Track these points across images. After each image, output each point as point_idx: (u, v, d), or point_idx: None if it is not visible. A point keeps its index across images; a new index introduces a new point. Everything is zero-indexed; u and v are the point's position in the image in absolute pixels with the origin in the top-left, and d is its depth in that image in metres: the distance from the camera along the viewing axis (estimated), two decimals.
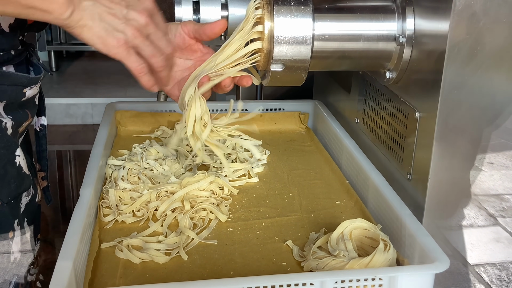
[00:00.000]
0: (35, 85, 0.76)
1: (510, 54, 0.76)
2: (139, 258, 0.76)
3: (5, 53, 0.71)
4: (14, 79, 0.72)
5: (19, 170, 0.76)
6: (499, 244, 2.28)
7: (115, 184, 0.92)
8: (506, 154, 2.60)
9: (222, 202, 0.91)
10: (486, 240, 2.26)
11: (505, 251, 2.23)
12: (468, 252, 2.05)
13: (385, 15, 0.85)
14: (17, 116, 0.75)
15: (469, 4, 0.72)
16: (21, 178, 0.76)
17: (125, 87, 3.62)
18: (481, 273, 2.05)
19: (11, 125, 0.74)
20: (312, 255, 0.73)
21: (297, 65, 0.82)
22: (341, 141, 1.06)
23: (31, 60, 0.79)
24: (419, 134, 0.83)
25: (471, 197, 0.94)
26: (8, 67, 0.73)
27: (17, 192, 0.76)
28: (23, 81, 0.73)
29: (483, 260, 2.15)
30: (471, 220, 2.39)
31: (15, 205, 0.76)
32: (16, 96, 0.73)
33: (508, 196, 2.67)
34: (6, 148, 0.74)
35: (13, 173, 0.75)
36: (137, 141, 1.15)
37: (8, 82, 0.71)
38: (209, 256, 0.77)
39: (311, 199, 0.93)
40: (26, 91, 0.74)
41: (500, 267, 2.11)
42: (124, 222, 0.85)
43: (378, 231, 0.75)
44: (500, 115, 0.80)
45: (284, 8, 0.80)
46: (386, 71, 0.90)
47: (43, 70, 0.79)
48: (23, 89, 0.74)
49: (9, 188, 0.74)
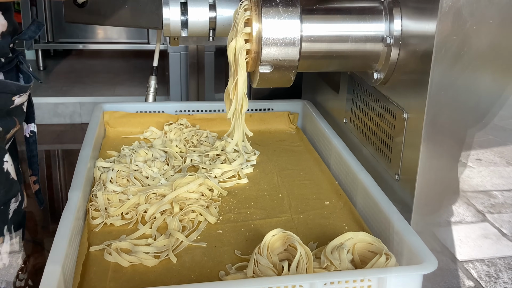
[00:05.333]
0: (24, 93, 0.76)
1: (496, 55, 0.77)
2: (128, 261, 0.75)
3: None
4: (3, 86, 0.72)
5: (7, 176, 0.75)
6: (488, 240, 2.30)
7: (103, 187, 0.92)
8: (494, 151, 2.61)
9: (211, 204, 0.91)
10: (474, 237, 2.27)
11: (493, 247, 2.25)
12: (457, 248, 2.06)
13: (372, 16, 0.85)
14: (5, 123, 0.75)
15: (455, 6, 0.72)
16: (9, 184, 0.76)
17: (113, 85, 3.60)
18: (470, 269, 2.06)
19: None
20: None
21: (286, 66, 0.82)
22: (330, 141, 1.07)
23: (21, 67, 0.78)
24: (407, 135, 0.83)
25: (459, 194, 0.95)
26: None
27: (6, 198, 0.76)
28: (12, 88, 0.73)
29: (471, 256, 2.16)
30: (460, 216, 2.40)
31: (4, 211, 0.76)
32: (4, 104, 0.73)
33: (496, 192, 2.68)
34: None
35: (2, 179, 0.74)
36: (125, 142, 1.15)
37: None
38: (199, 259, 0.77)
39: (301, 200, 0.94)
40: (15, 99, 0.74)
41: (488, 263, 2.13)
42: (113, 225, 0.85)
43: (381, 245, 0.74)
44: (487, 115, 0.81)
45: (272, 9, 0.80)
46: (374, 71, 0.90)
47: (33, 79, 0.78)
48: (12, 97, 0.74)
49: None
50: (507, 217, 2.40)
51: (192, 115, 1.23)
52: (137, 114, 1.21)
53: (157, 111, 1.23)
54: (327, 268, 0.69)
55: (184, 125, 1.19)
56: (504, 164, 2.80)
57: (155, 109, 1.23)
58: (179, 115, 1.22)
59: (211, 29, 0.99)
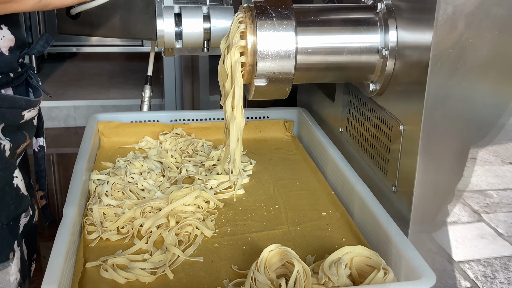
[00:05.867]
0: (34, 108, 0.76)
1: (493, 67, 0.76)
2: (125, 278, 0.75)
3: (3, 75, 0.71)
4: (12, 102, 0.72)
5: (17, 191, 0.75)
6: (484, 241, 2.30)
7: (99, 200, 0.91)
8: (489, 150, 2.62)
9: (207, 216, 0.90)
10: (470, 237, 2.28)
11: (489, 247, 2.25)
12: (453, 249, 2.06)
13: (367, 28, 0.85)
14: (15, 137, 0.75)
15: (451, 18, 0.72)
16: (19, 199, 0.76)
17: (107, 88, 3.59)
18: (466, 270, 2.06)
19: (9, 147, 0.74)
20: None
21: (281, 79, 0.82)
22: (326, 151, 1.06)
23: (30, 82, 0.78)
24: (404, 146, 0.83)
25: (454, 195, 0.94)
26: (7, 90, 0.72)
27: (16, 213, 0.76)
28: (22, 104, 0.73)
29: (468, 256, 2.17)
30: (456, 216, 2.40)
31: (14, 226, 0.76)
32: (14, 119, 0.73)
33: (492, 191, 2.69)
34: (4, 170, 0.73)
35: (12, 194, 0.74)
36: (120, 152, 1.14)
37: (6, 105, 0.71)
38: (195, 274, 0.77)
39: (297, 211, 0.93)
40: (24, 114, 0.74)
41: (484, 263, 2.13)
42: (108, 240, 0.84)
43: (379, 259, 0.73)
44: (484, 127, 0.80)
45: (267, 22, 0.79)
46: (370, 82, 0.89)
47: (42, 93, 0.78)
48: (22, 112, 0.73)
49: (8, 209, 0.74)
50: (502, 217, 2.40)
51: (187, 124, 1.22)
52: (131, 124, 1.20)
53: (152, 120, 1.22)
54: (325, 284, 0.69)
55: (180, 135, 1.18)
56: (499, 163, 2.80)
57: (150, 119, 1.23)
58: (174, 124, 1.22)
59: (205, 40, 0.99)
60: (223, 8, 1.00)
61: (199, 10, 0.98)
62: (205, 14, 0.98)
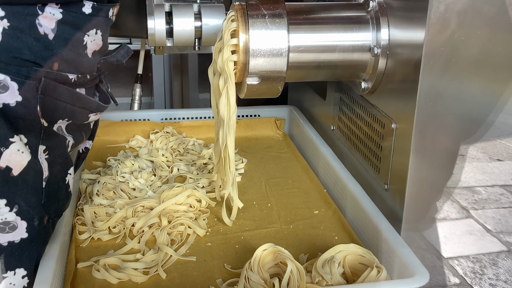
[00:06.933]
0: (100, 113, 0.76)
1: (485, 65, 0.77)
2: (117, 278, 0.74)
3: (82, 76, 0.71)
4: (85, 102, 0.72)
5: (67, 188, 0.75)
6: (472, 237, 2.31)
7: (90, 200, 0.91)
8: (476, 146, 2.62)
9: (200, 215, 0.90)
10: (459, 233, 2.29)
11: (477, 243, 2.27)
12: (442, 245, 2.07)
13: (359, 26, 0.85)
14: (76, 136, 0.75)
15: (443, 17, 0.72)
16: (68, 196, 0.76)
17: None
18: (455, 266, 2.07)
19: (71, 144, 0.74)
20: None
21: (273, 77, 0.82)
22: (318, 149, 1.06)
23: (99, 86, 0.78)
24: (396, 144, 0.83)
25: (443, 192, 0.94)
26: (81, 90, 0.72)
27: (62, 210, 0.76)
28: (92, 106, 0.73)
29: (456, 253, 2.18)
30: (444, 213, 2.41)
31: (55, 223, 0.76)
32: (81, 119, 0.73)
33: (480, 188, 2.69)
34: (63, 164, 0.73)
35: (62, 190, 0.74)
36: (111, 151, 1.13)
37: (79, 104, 0.71)
38: (188, 274, 0.76)
39: (290, 209, 0.93)
40: (90, 116, 0.74)
41: (473, 259, 2.14)
42: (100, 240, 0.83)
43: (372, 257, 0.73)
44: (475, 125, 0.81)
45: (259, 20, 0.79)
46: (362, 81, 0.90)
47: (111, 100, 0.79)
48: (89, 114, 0.74)
49: (57, 204, 0.73)
50: (490, 213, 2.43)
51: (178, 123, 1.22)
52: (122, 122, 1.20)
53: (142, 119, 1.22)
54: (319, 283, 0.69)
55: (170, 133, 1.18)
56: (487, 160, 2.81)
57: (141, 118, 1.22)
58: (165, 123, 1.21)
59: (196, 38, 0.98)
60: (214, 6, 1.00)
61: (190, 8, 0.97)
62: (196, 12, 0.97)
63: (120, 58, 0.79)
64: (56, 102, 0.68)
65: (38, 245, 0.70)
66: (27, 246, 0.68)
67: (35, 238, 0.69)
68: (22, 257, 0.67)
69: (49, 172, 0.70)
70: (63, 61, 0.67)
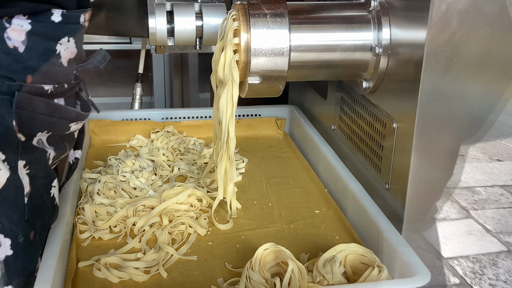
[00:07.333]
0: (81, 121, 0.75)
1: (487, 65, 0.77)
2: (118, 277, 0.74)
3: (59, 85, 0.70)
4: (64, 112, 0.71)
5: (53, 201, 0.75)
6: (472, 237, 2.31)
7: (90, 199, 0.91)
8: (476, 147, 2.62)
9: (201, 215, 0.90)
10: (459, 233, 2.28)
11: (477, 244, 2.27)
12: (442, 245, 2.06)
13: (360, 25, 0.85)
14: (58, 147, 0.74)
15: (445, 16, 0.72)
16: (54, 209, 0.76)
17: (96, 86, 3.56)
18: (455, 266, 2.07)
19: (53, 156, 0.73)
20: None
21: (275, 76, 0.81)
22: (319, 148, 1.06)
23: (80, 95, 0.77)
24: (397, 144, 0.83)
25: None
26: (59, 100, 0.72)
27: (49, 223, 0.76)
28: (71, 115, 0.72)
29: (456, 253, 2.18)
30: (444, 213, 2.41)
31: (44, 237, 0.75)
32: (62, 129, 0.72)
33: (480, 188, 2.69)
34: (46, 178, 0.72)
35: (48, 204, 0.74)
36: (111, 150, 1.13)
37: (58, 115, 0.70)
38: (189, 273, 0.76)
39: (290, 209, 0.93)
40: (71, 126, 0.73)
41: (473, 259, 2.14)
42: (101, 239, 0.83)
43: (373, 256, 0.73)
44: (477, 125, 0.81)
45: (260, 20, 0.79)
46: (363, 80, 0.90)
47: (92, 108, 0.78)
48: (70, 124, 0.73)
49: (43, 219, 0.73)
50: (490, 213, 2.43)
51: (178, 122, 1.22)
52: (122, 122, 1.20)
53: (143, 118, 1.22)
54: (320, 282, 0.69)
55: (171, 133, 1.18)
56: (487, 160, 2.81)
57: (141, 117, 1.22)
58: (166, 122, 1.21)
59: (198, 37, 0.98)
60: (215, 6, 1.00)
61: (191, 7, 0.97)
62: (197, 11, 0.97)
63: (97, 64, 0.77)
64: (33, 115, 0.66)
65: (26, 261, 0.69)
66: (13, 263, 0.67)
67: (21, 254, 0.68)
68: (9, 273, 0.67)
69: (31, 187, 0.69)
70: (36, 72, 0.65)
